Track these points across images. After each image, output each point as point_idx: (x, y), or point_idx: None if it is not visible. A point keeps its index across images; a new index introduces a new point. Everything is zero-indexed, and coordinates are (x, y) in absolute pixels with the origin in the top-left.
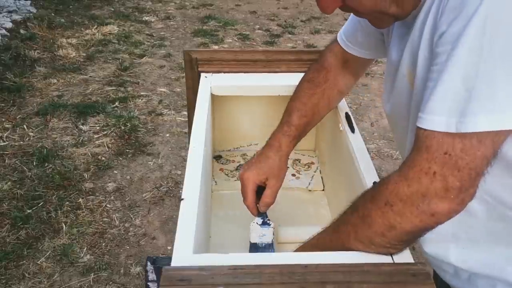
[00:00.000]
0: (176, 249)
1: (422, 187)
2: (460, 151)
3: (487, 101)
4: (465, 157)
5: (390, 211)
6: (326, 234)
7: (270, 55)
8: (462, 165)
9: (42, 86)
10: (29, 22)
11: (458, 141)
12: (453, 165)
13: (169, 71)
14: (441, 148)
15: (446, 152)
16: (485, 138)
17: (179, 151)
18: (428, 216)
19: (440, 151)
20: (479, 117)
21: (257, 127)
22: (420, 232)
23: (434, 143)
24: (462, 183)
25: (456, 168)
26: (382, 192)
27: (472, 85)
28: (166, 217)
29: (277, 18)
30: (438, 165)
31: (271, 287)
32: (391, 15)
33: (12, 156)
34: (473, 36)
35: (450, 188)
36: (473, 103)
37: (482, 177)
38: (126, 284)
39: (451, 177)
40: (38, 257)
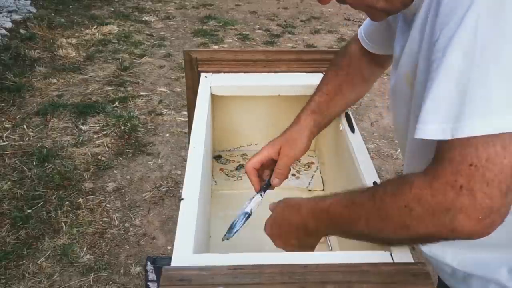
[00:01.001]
0: (176, 249)
1: (447, 200)
2: (486, 160)
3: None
4: (492, 168)
5: (408, 214)
6: (339, 206)
7: (270, 55)
8: (490, 177)
9: (42, 86)
10: (29, 22)
11: (482, 148)
12: (481, 177)
13: (169, 71)
14: (465, 160)
15: (471, 163)
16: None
17: (179, 151)
18: (447, 231)
19: (466, 164)
20: (474, 121)
21: (257, 127)
22: (432, 240)
23: (457, 156)
24: (492, 201)
25: (484, 182)
26: (404, 192)
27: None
28: (166, 217)
29: (277, 18)
30: (465, 177)
31: (271, 287)
32: (380, 9)
33: (12, 156)
34: (464, 40)
35: (477, 205)
36: (468, 107)
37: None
38: (126, 284)
39: (478, 193)
40: (38, 257)
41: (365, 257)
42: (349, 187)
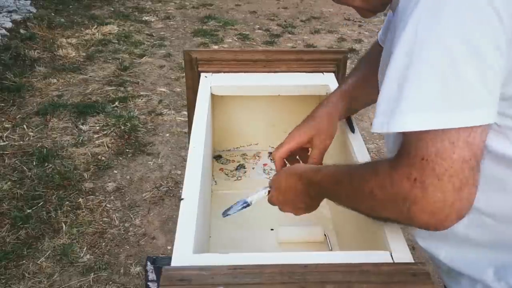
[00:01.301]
0: (176, 249)
1: (403, 191)
2: (435, 155)
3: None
4: (442, 162)
5: (374, 198)
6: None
7: (270, 55)
8: (440, 171)
9: (42, 86)
10: (29, 22)
11: (430, 143)
12: (431, 171)
13: (169, 71)
14: (418, 154)
15: (423, 157)
16: (458, 138)
17: (179, 151)
18: (406, 218)
19: (418, 158)
20: (405, 117)
21: (257, 127)
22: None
23: (412, 150)
24: (445, 196)
25: (435, 176)
26: (371, 179)
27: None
28: (166, 217)
29: (277, 18)
30: (417, 171)
31: (271, 287)
32: (358, 7)
33: (12, 156)
34: (406, 40)
35: (431, 200)
36: (402, 103)
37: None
38: (126, 284)
39: (430, 188)
40: (38, 257)
41: (365, 257)
42: None
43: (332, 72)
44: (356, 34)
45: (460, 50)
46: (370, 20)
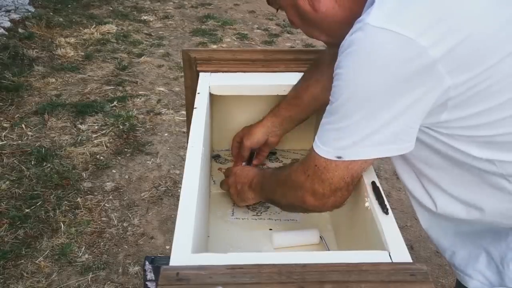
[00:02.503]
0: (175, 249)
1: (300, 181)
2: (324, 168)
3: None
4: (326, 173)
5: (284, 185)
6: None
7: (269, 55)
8: (324, 178)
9: (41, 85)
10: (28, 21)
11: (323, 160)
12: (319, 176)
13: (168, 71)
14: (313, 161)
15: (316, 165)
16: (341, 164)
17: (178, 151)
18: (301, 203)
19: (313, 163)
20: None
21: None
22: (299, 209)
23: (311, 156)
24: (324, 191)
25: (320, 179)
26: (285, 170)
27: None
28: (165, 216)
29: (275, 17)
30: (311, 171)
31: (269, 286)
32: (325, 42)
33: (10, 156)
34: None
35: (316, 191)
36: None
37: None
38: (124, 283)
39: (316, 184)
40: (36, 257)
41: (364, 256)
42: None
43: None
44: None
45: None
46: None
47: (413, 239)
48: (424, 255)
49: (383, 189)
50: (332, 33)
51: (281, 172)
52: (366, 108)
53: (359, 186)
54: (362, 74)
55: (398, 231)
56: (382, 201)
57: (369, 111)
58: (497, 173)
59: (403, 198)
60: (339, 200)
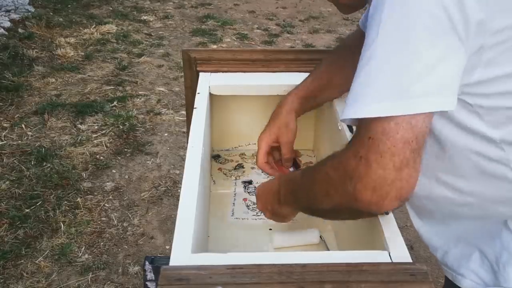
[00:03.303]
0: (175, 249)
1: (350, 169)
2: (381, 133)
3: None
4: (386, 141)
5: (328, 181)
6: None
7: (269, 55)
8: (384, 149)
9: (41, 85)
10: (28, 21)
11: (379, 123)
12: (376, 149)
13: (168, 71)
14: (365, 134)
15: (370, 136)
16: (401, 120)
17: (178, 151)
18: (352, 199)
19: (365, 137)
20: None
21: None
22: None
23: (361, 131)
24: (385, 173)
25: (378, 154)
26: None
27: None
28: (165, 216)
29: (275, 17)
30: (365, 149)
31: (269, 286)
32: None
33: (10, 156)
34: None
35: (374, 177)
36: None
37: (407, 169)
38: (124, 283)
39: (374, 164)
40: (36, 257)
41: (364, 256)
42: None
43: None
44: None
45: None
46: None
47: (413, 239)
48: (424, 255)
49: None
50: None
51: (319, 167)
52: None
53: None
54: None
55: (398, 231)
56: None
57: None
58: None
59: None
60: (405, 186)
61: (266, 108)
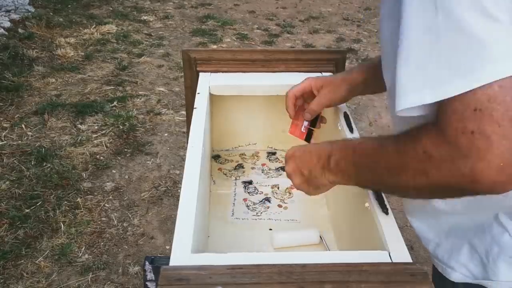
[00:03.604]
0: (175, 249)
1: (462, 147)
2: (487, 101)
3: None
4: (497, 106)
5: (428, 160)
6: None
7: (269, 55)
8: (499, 114)
9: (41, 86)
10: (28, 21)
11: (481, 92)
12: (490, 117)
13: (168, 71)
14: (468, 107)
15: (475, 108)
16: (505, 83)
17: (178, 151)
18: (467, 181)
19: (469, 110)
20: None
21: (255, 126)
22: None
23: (458, 106)
24: (510, 140)
25: (495, 122)
26: (421, 138)
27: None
28: (165, 216)
29: (275, 17)
30: (475, 122)
31: (269, 286)
32: None
33: (10, 156)
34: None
35: (498, 149)
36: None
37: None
38: (124, 283)
39: (494, 136)
40: (36, 257)
41: (364, 256)
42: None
43: (331, 72)
44: (355, 34)
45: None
46: (369, 20)
47: (413, 239)
48: (424, 255)
49: None
50: None
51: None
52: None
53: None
54: None
55: (398, 231)
56: (382, 201)
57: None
58: None
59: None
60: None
61: (266, 108)
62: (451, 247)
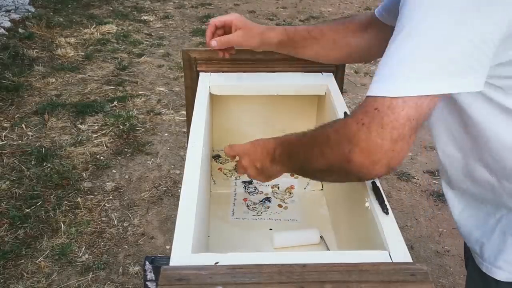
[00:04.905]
0: (175, 249)
1: (350, 132)
2: (387, 107)
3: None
4: (390, 114)
5: (327, 142)
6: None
7: (269, 55)
8: (386, 121)
9: (41, 85)
10: (28, 21)
11: (388, 99)
12: (379, 120)
13: (168, 71)
14: (372, 105)
15: (376, 108)
16: (409, 100)
17: (178, 151)
18: (346, 161)
19: (371, 108)
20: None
21: (256, 126)
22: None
23: (368, 102)
24: (383, 141)
25: (380, 125)
26: (330, 125)
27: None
28: (165, 216)
29: (276, 17)
30: (368, 118)
31: (269, 286)
32: None
33: (10, 156)
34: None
35: (371, 142)
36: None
37: (402, 143)
38: (124, 283)
39: (374, 132)
40: (36, 257)
41: (364, 256)
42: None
43: (331, 72)
44: None
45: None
46: None
47: (413, 239)
48: (424, 255)
49: (383, 189)
50: None
51: (321, 130)
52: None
53: (359, 186)
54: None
55: (398, 231)
56: (382, 201)
57: (449, 34)
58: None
59: (403, 198)
60: (396, 157)
61: (266, 108)
62: (497, 246)
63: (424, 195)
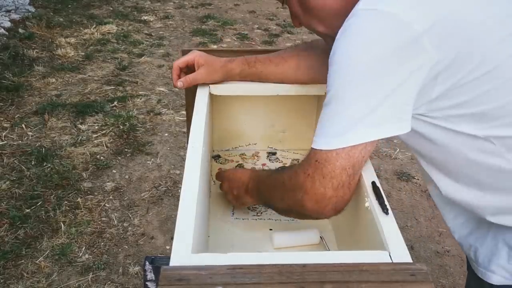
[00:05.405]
0: (175, 249)
1: (299, 181)
2: (325, 160)
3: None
4: (328, 166)
5: (283, 188)
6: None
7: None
8: (326, 172)
9: (41, 86)
10: (28, 21)
11: (324, 152)
12: (320, 171)
13: (168, 71)
14: (313, 157)
15: (316, 160)
16: (341, 152)
17: (178, 151)
18: (300, 206)
19: (313, 160)
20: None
21: (255, 126)
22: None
23: (311, 154)
24: (326, 190)
25: (321, 175)
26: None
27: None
28: (165, 216)
29: (276, 17)
30: (312, 169)
31: (270, 286)
32: (322, 34)
33: (10, 156)
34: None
35: (317, 191)
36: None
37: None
38: (124, 283)
39: (317, 182)
40: (36, 257)
41: (364, 256)
42: None
43: None
44: None
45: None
46: None
47: (413, 239)
48: (424, 255)
49: (383, 189)
50: (329, 24)
51: (279, 174)
52: (360, 88)
53: (359, 186)
54: (352, 55)
55: (398, 231)
56: (382, 201)
57: (363, 91)
58: (496, 153)
59: (403, 198)
60: (340, 201)
61: (266, 108)
62: (491, 250)
63: (424, 195)
